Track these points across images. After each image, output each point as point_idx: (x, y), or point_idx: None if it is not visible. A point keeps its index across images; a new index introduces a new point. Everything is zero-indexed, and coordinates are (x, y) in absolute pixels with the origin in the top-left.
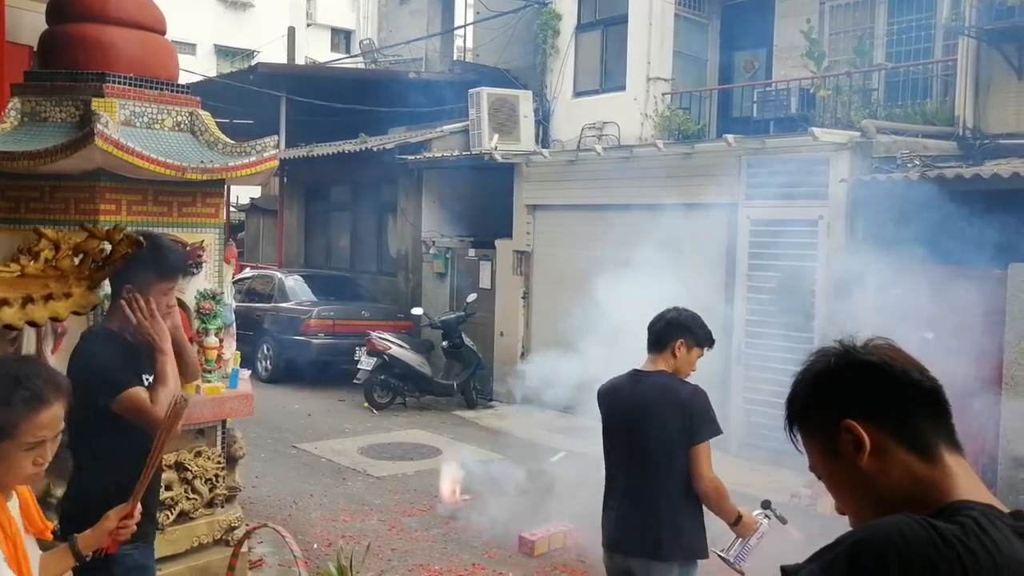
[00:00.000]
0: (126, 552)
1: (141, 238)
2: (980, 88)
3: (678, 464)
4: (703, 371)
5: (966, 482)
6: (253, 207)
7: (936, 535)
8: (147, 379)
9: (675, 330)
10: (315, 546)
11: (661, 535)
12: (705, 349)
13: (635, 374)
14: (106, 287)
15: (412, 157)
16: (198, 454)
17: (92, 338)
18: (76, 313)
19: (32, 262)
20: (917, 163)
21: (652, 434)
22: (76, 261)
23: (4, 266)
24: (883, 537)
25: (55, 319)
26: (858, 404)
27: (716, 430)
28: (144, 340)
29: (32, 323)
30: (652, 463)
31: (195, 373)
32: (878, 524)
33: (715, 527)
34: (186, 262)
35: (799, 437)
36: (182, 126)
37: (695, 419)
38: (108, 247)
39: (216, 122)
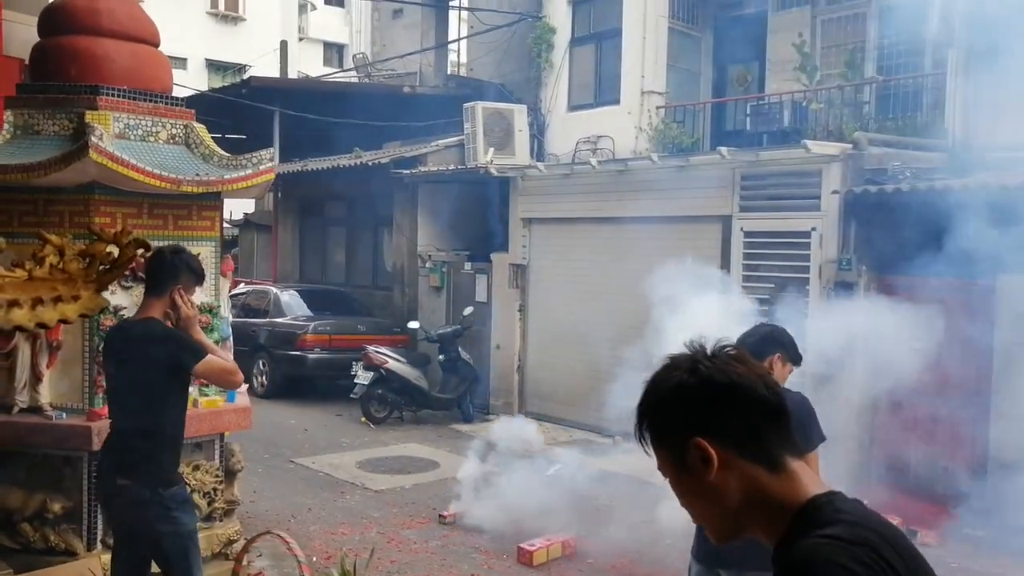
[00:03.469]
0: (176, 491)
1: (177, 249)
2: (970, 100)
3: None
4: None
5: (809, 480)
6: (247, 222)
7: (848, 545)
8: None
9: (771, 345)
10: (315, 559)
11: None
12: (793, 367)
13: None
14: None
15: (407, 171)
16: (196, 468)
17: (153, 323)
18: (84, 316)
19: (37, 267)
20: (908, 175)
21: None
22: (84, 264)
23: (9, 271)
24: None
25: (64, 321)
26: (707, 423)
27: (823, 436)
28: (183, 326)
29: (41, 325)
30: None
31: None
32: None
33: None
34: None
35: (648, 443)
36: (177, 139)
37: (806, 426)
38: (115, 250)
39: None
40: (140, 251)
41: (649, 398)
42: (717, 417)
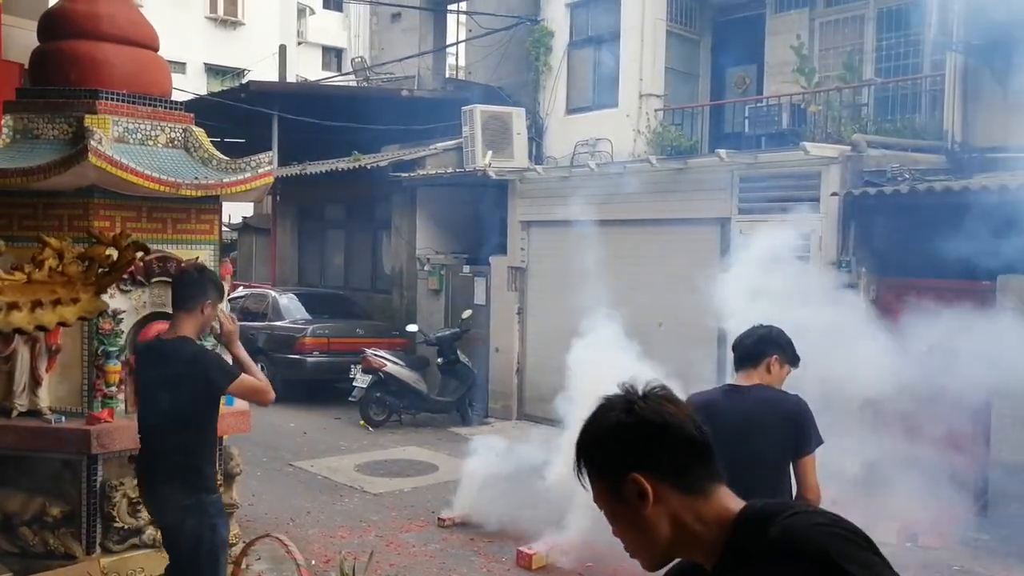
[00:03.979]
0: (216, 498)
1: (200, 267)
2: (968, 102)
3: (785, 476)
4: (700, 384)
5: (732, 500)
6: (246, 226)
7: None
8: None
9: (769, 346)
10: (313, 562)
11: None
12: (791, 368)
13: (732, 388)
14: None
15: (406, 175)
16: None
17: (185, 343)
18: (83, 319)
19: (37, 270)
20: (907, 177)
21: (763, 447)
22: (83, 267)
23: (9, 274)
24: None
25: (63, 324)
26: (642, 460)
27: (820, 439)
28: (225, 340)
29: (40, 327)
30: (762, 477)
31: None
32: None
33: None
34: None
35: (586, 478)
36: (176, 143)
37: (804, 430)
38: (114, 253)
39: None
40: (139, 254)
41: (588, 436)
42: (651, 455)
